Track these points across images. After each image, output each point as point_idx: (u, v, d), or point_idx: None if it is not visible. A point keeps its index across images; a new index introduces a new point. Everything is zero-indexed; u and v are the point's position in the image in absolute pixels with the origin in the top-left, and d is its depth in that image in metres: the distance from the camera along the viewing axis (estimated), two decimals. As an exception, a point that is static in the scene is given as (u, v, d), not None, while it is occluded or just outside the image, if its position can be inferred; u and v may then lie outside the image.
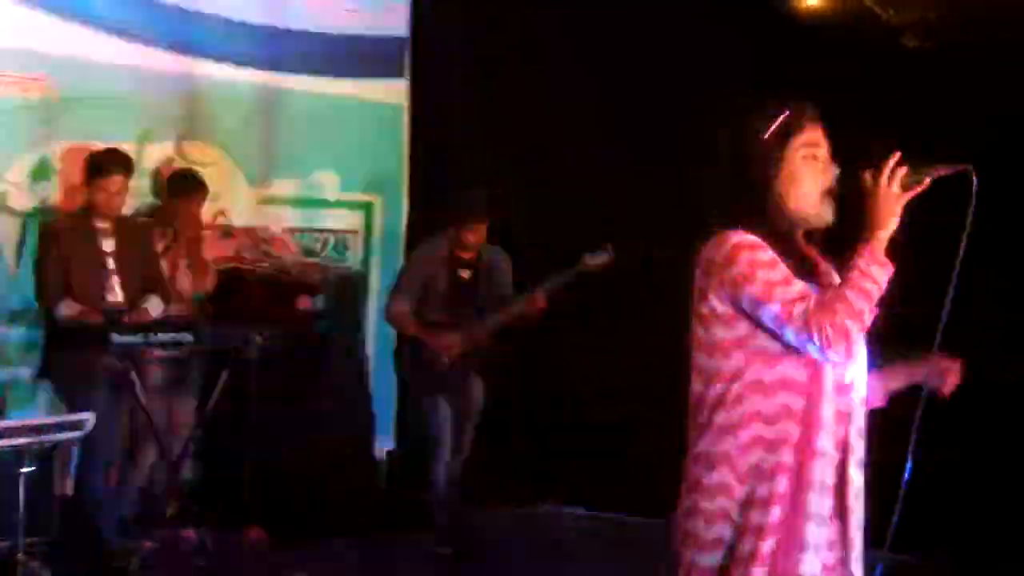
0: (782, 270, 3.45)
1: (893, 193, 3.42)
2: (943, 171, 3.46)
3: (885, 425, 3.79)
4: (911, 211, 3.46)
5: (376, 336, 9.86)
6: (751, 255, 3.45)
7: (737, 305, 3.46)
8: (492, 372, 8.44)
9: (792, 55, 8.17)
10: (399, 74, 10.51)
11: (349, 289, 9.55)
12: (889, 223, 3.43)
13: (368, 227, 10.43)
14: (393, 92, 10.49)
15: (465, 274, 8.34)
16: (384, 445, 9.91)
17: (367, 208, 10.44)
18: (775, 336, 3.44)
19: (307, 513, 8.70)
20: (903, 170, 3.43)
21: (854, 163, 3.54)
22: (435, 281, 8.28)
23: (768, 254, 3.46)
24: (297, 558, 7.83)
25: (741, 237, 3.47)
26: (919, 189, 3.44)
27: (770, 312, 3.40)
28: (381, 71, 10.43)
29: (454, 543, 8.26)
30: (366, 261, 10.39)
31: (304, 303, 9.14)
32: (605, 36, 9.16)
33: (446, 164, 9.85)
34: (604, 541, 8.70)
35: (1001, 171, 3.51)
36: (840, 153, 3.61)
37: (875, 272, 3.39)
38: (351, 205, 10.35)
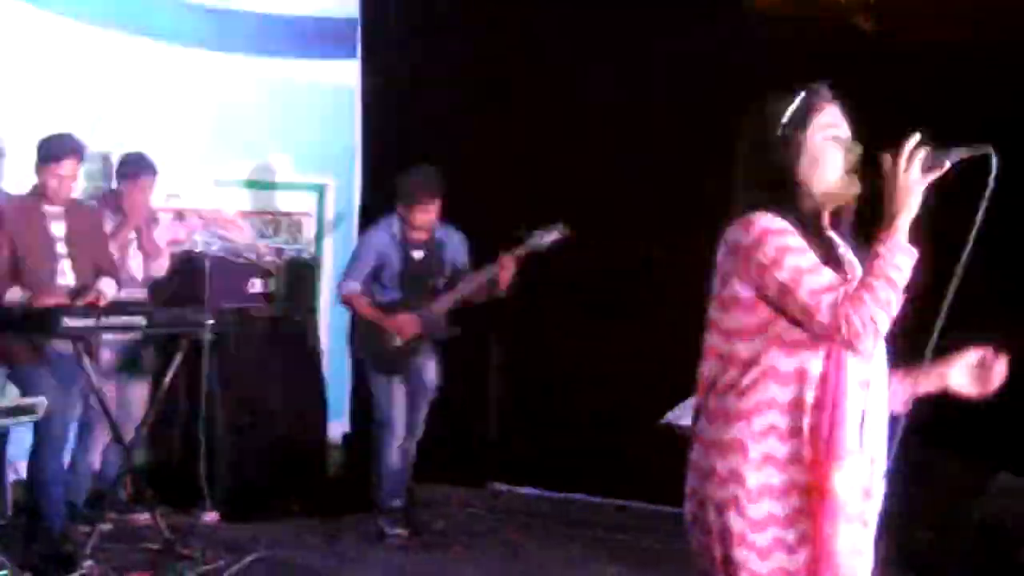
0: (811, 257, 3.36)
1: (912, 177, 3.31)
2: (963, 154, 3.35)
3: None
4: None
5: (330, 318, 9.87)
6: (779, 240, 3.36)
7: (761, 290, 3.38)
8: (444, 351, 8.45)
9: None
10: (351, 55, 10.51)
11: (302, 271, 9.55)
12: (910, 208, 3.32)
13: (321, 209, 10.44)
14: (345, 73, 10.49)
15: (418, 254, 8.33)
16: (339, 427, 9.92)
17: (320, 190, 10.44)
18: (797, 324, 3.36)
19: (261, 495, 8.72)
20: (922, 153, 3.33)
21: (879, 141, 3.43)
22: (388, 262, 8.27)
23: (797, 239, 3.37)
24: (252, 540, 7.83)
25: (769, 221, 3.38)
26: (939, 172, 3.34)
27: (798, 300, 3.32)
28: (333, 52, 10.43)
29: (407, 524, 8.28)
30: (319, 243, 10.40)
31: (257, 285, 9.13)
32: (558, 13, 9.16)
33: (398, 145, 9.84)
34: (554, 521, 8.72)
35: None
36: (864, 131, 3.53)
37: (899, 260, 3.30)
38: (304, 187, 10.35)
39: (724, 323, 3.45)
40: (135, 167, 8.48)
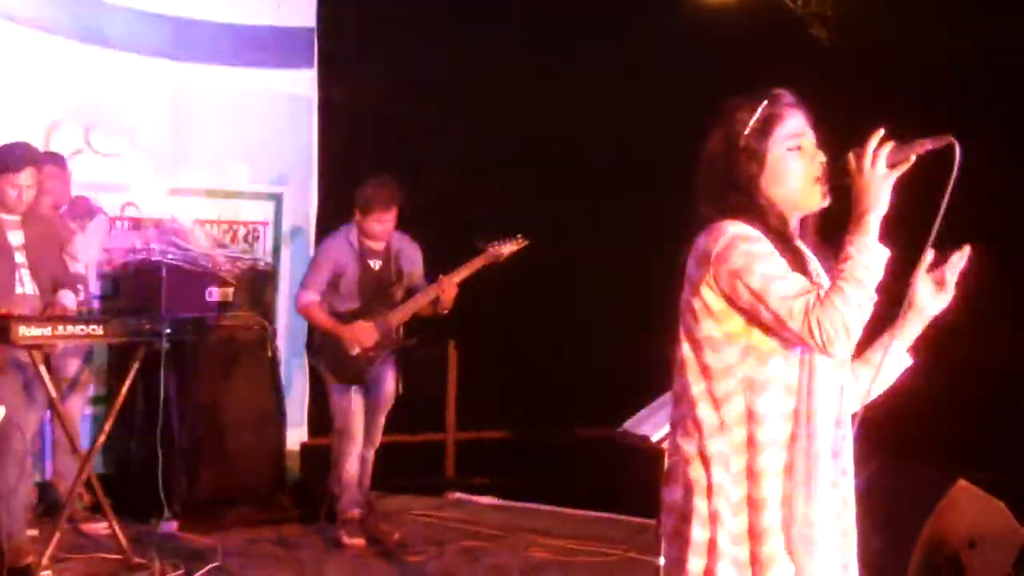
0: (781, 263, 3.30)
1: (879, 174, 3.26)
2: (928, 145, 3.29)
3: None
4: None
5: (288, 327, 9.87)
6: (748, 246, 3.30)
7: (733, 300, 3.32)
8: (402, 360, 8.47)
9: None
10: (308, 65, 10.52)
11: (260, 280, 9.53)
12: (878, 206, 3.26)
13: (278, 218, 10.43)
14: (302, 83, 10.50)
15: (374, 264, 8.34)
16: (297, 436, 9.91)
17: (277, 199, 10.44)
18: (768, 332, 3.31)
19: (219, 504, 8.71)
20: (887, 148, 3.27)
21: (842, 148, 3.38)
22: (345, 271, 8.27)
23: (767, 246, 3.31)
24: (210, 549, 7.82)
25: (739, 228, 3.32)
26: (905, 166, 3.28)
27: (769, 307, 3.26)
28: (289, 62, 10.43)
29: (365, 533, 8.29)
30: (276, 252, 10.40)
31: (215, 294, 9.12)
32: (516, 24, 9.22)
33: (355, 155, 9.86)
34: (513, 530, 8.73)
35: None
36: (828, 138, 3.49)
37: (868, 259, 3.24)
38: (261, 196, 10.35)
39: (695, 334, 3.38)
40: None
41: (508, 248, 8.22)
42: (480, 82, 9.36)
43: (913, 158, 3.29)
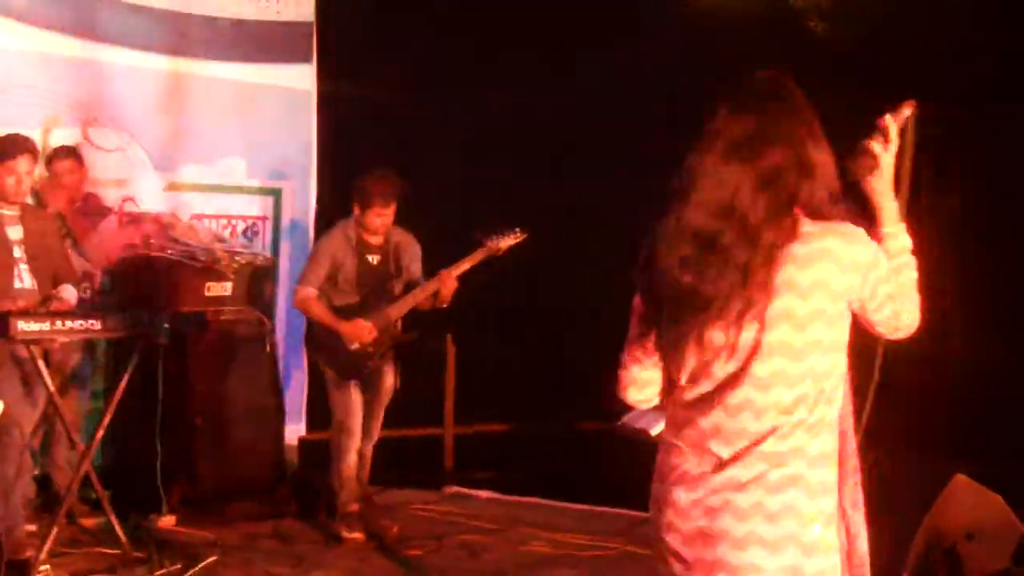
0: None
1: (887, 160, 3.44)
2: (894, 118, 3.46)
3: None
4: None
5: (286, 322, 9.87)
6: (880, 252, 3.34)
7: (861, 301, 3.32)
8: (401, 355, 8.48)
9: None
10: (306, 59, 10.51)
11: (258, 275, 9.53)
12: (891, 189, 3.45)
13: (277, 213, 10.43)
14: (300, 77, 10.50)
15: (373, 258, 8.34)
16: (296, 431, 9.91)
17: (276, 194, 10.44)
18: (864, 328, 3.40)
19: (218, 498, 8.71)
20: (880, 144, 3.43)
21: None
22: (344, 266, 8.27)
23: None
24: (208, 544, 7.83)
25: (864, 234, 3.32)
26: (896, 143, 3.45)
27: (896, 306, 3.37)
28: (288, 56, 10.43)
29: (363, 527, 8.29)
30: (275, 247, 10.40)
31: (213, 289, 9.11)
32: (515, 16, 9.21)
33: (354, 149, 9.85)
34: (511, 524, 8.73)
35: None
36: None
37: (909, 243, 3.45)
38: (260, 191, 10.35)
39: (799, 341, 3.25)
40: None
41: (507, 241, 8.22)
42: (480, 74, 9.35)
43: (897, 132, 3.44)
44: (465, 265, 8.23)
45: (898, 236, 3.43)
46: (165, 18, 9.90)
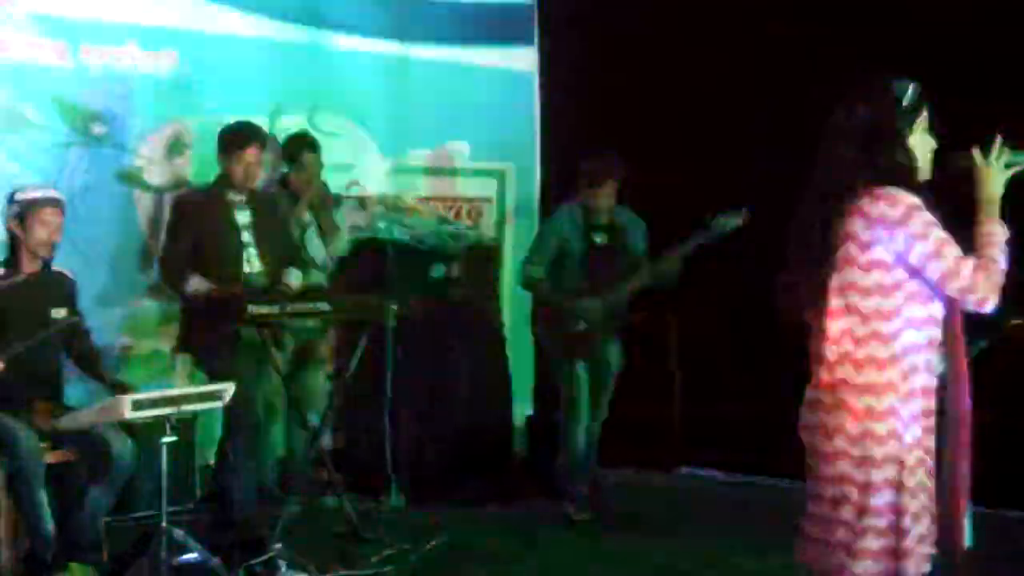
0: (944, 231, 3.90)
1: (999, 171, 4.03)
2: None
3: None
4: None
5: (512, 303, 9.87)
6: (923, 215, 3.88)
7: (902, 256, 3.90)
8: (627, 334, 8.41)
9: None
10: (528, 41, 10.51)
11: (483, 257, 9.55)
12: (998, 195, 4.02)
13: (501, 195, 10.46)
14: (523, 59, 10.51)
15: (599, 238, 8.31)
16: (523, 411, 9.91)
17: (500, 176, 10.46)
18: (925, 281, 3.91)
19: (446, 480, 8.74)
20: (1006, 151, 4.04)
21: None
22: (570, 247, 8.26)
23: (932, 216, 3.90)
24: (436, 525, 7.85)
25: (912, 199, 3.89)
26: (1018, 168, 4.04)
27: (940, 267, 3.87)
28: (510, 38, 10.45)
29: (592, 508, 8.25)
30: (500, 228, 10.41)
31: (439, 271, 9.16)
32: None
33: (578, 130, 9.80)
34: (742, 505, 8.62)
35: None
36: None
37: (1000, 238, 3.96)
38: (484, 173, 10.38)
39: (863, 282, 3.95)
40: (299, 144, 8.52)
41: (733, 222, 8.09)
42: (708, 52, 9.20)
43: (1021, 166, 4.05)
44: (690, 245, 8.13)
45: (983, 224, 3.98)
46: (387, 3, 9.99)
